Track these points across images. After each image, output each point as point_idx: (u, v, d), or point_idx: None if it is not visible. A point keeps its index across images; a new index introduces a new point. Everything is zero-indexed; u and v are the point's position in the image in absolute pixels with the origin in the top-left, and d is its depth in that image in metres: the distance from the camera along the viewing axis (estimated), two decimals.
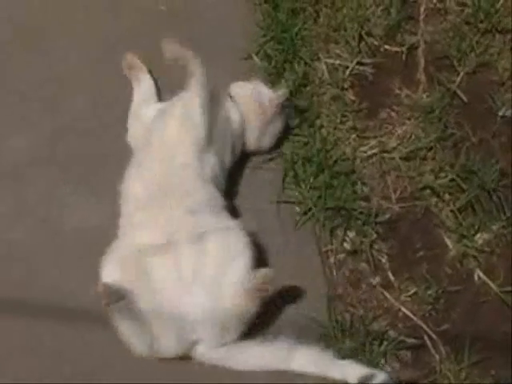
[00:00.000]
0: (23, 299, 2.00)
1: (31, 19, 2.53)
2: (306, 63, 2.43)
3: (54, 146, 2.27)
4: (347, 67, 2.44)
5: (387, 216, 2.19)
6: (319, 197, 2.18)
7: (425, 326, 2.04)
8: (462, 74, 2.44)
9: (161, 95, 2.31)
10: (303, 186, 2.21)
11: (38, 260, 2.07)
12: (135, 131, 2.19)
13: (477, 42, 2.49)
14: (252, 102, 2.21)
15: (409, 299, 2.08)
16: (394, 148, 2.30)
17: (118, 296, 1.76)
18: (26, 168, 2.23)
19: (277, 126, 2.24)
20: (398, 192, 2.24)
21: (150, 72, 2.33)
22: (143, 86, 2.30)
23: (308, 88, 2.40)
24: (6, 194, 2.18)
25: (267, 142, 2.25)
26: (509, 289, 2.08)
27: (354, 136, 2.31)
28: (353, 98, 2.40)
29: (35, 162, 2.25)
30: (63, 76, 2.39)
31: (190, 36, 2.44)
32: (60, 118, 2.32)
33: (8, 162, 2.24)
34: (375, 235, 2.15)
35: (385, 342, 1.99)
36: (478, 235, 2.17)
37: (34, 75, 2.40)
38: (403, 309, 2.07)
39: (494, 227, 2.17)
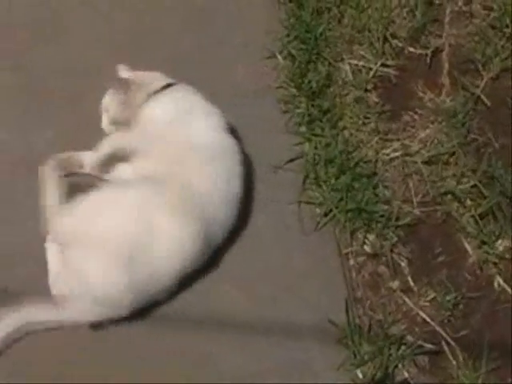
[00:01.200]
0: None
1: (51, 11, 2.52)
2: (329, 64, 2.42)
3: (76, 139, 2.25)
4: (371, 69, 2.43)
5: (408, 220, 2.17)
6: (340, 199, 2.17)
7: (443, 332, 2.03)
8: (486, 78, 2.43)
9: None
10: (324, 187, 2.20)
11: None
12: None
13: (502, 47, 2.47)
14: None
15: (428, 304, 2.07)
16: (417, 152, 2.28)
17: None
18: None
19: None
20: (420, 196, 2.22)
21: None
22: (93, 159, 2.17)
23: (331, 89, 2.38)
24: (29, 189, 2.17)
25: None
26: None
27: (376, 138, 2.30)
28: (376, 100, 2.39)
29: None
30: (85, 68, 2.38)
31: (213, 33, 2.45)
32: (82, 112, 2.30)
33: (31, 154, 2.23)
34: (396, 239, 2.14)
35: (402, 347, 1.99)
36: (499, 242, 2.15)
37: (57, 68, 2.40)
38: (422, 314, 2.06)
39: None
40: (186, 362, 1.94)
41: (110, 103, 2.19)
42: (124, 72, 2.24)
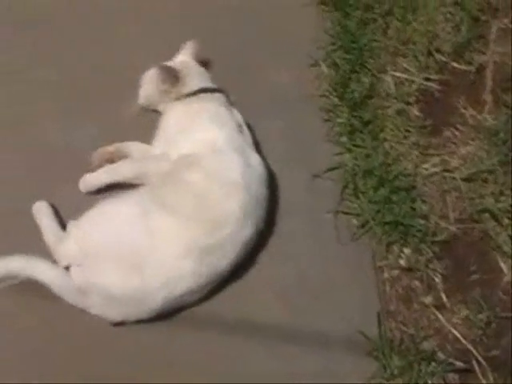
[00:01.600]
0: None
1: (96, 11, 2.55)
2: (372, 75, 2.42)
3: (118, 137, 2.27)
4: (414, 82, 2.42)
5: (444, 236, 2.17)
6: (378, 211, 2.17)
7: (474, 351, 2.01)
8: None
9: None
10: (362, 198, 2.20)
11: None
12: None
13: None
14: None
15: (460, 322, 2.07)
16: (456, 168, 2.28)
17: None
18: (86, 160, 2.23)
19: None
20: (457, 212, 2.22)
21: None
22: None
23: (373, 100, 2.39)
24: (66, 185, 2.19)
25: None
26: None
27: (416, 152, 2.30)
28: (417, 113, 2.38)
29: None
30: (129, 67, 2.40)
31: (257, 38, 2.46)
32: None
33: (73, 151, 2.26)
34: (431, 254, 2.14)
35: (433, 363, 1.98)
36: None
37: (102, 66, 2.42)
38: (454, 331, 2.05)
39: None
40: (218, 364, 1.95)
41: (149, 82, 2.22)
42: (186, 53, 2.27)
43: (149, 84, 2.22)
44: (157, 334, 1.96)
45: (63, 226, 2.05)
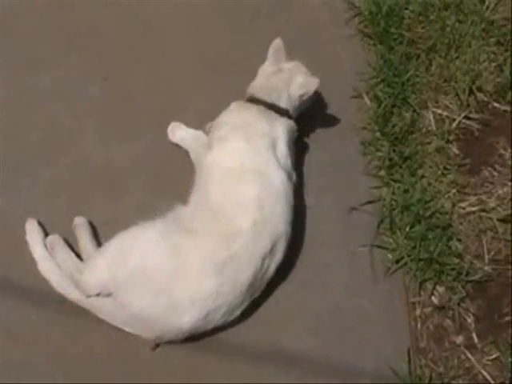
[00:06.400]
0: None
1: (149, 30, 2.59)
2: (414, 110, 2.43)
3: (157, 157, 2.31)
4: (454, 120, 2.43)
5: (478, 276, 2.17)
6: (413, 247, 2.18)
7: None
8: None
9: None
10: (398, 233, 2.21)
11: None
12: None
13: None
14: None
15: (490, 363, 2.07)
16: (493, 208, 2.28)
17: None
18: (125, 179, 2.29)
19: None
20: (492, 253, 2.22)
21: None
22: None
23: (414, 136, 2.40)
24: (104, 203, 2.24)
25: None
26: None
27: (454, 190, 2.30)
28: (457, 151, 2.39)
29: (135, 173, 2.30)
30: (173, 88, 2.44)
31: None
32: (163, 131, 2.34)
33: (110, 167, 2.30)
34: (464, 293, 2.15)
35: None
36: None
37: (146, 85, 2.46)
38: (483, 372, 2.06)
39: None
40: None
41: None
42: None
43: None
44: (187, 362, 2.00)
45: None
